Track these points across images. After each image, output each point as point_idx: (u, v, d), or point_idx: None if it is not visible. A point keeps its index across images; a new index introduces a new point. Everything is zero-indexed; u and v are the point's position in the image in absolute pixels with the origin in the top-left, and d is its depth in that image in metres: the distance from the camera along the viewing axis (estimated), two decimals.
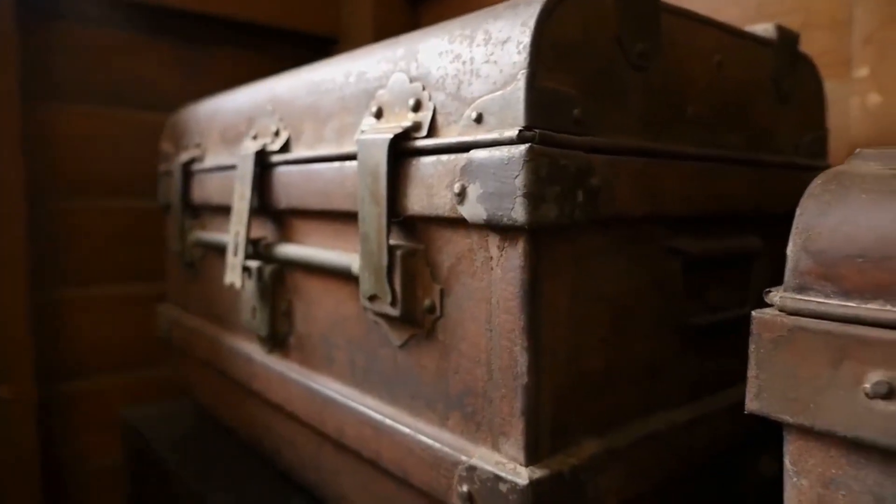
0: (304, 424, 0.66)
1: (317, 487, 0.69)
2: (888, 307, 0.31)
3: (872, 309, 0.31)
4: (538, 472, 0.42)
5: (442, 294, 0.48)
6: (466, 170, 0.43)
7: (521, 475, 0.42)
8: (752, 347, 0.36)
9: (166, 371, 1.12)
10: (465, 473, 0.45)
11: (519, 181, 0.39)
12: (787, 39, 0.62)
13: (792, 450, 0.36)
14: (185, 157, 0.91)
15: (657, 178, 0.48)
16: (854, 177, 0.35)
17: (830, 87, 0.83)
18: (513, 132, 0.40)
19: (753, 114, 0.59)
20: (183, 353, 1.00)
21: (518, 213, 0.40)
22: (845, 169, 0.36)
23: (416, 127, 0.48)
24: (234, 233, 0.71)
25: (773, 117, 0.62)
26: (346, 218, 0.58)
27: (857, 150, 0.38)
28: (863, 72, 0.78)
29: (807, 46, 0.87)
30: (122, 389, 1.24)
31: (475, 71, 0.44)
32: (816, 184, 0.36)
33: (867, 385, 0.31)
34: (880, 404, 0.31)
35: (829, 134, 0.76)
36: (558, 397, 0.44)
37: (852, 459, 0.33)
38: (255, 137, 0.73)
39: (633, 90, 0.47)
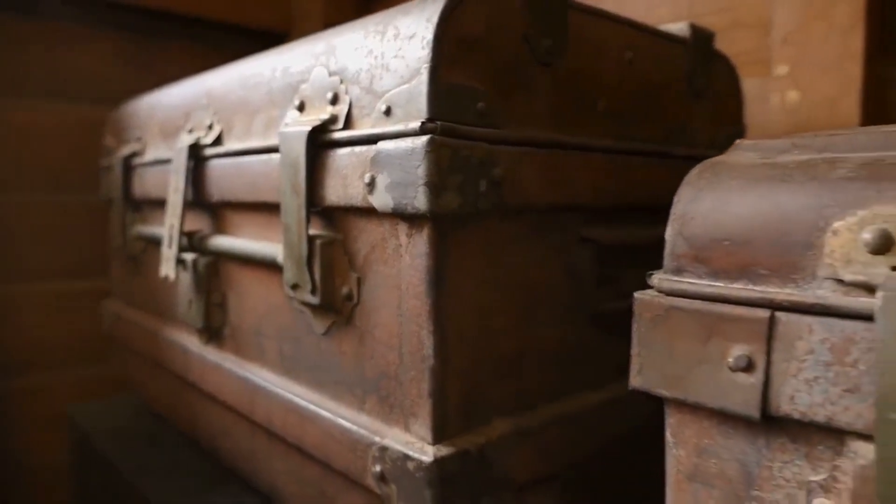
0: (238, 414, 0.67)
1: (251, 476, 0.70)
2: (750, 286, 0.33)
3: (736, 288, 0.34)
4: (444, 451, 0.44)
5: (359, 282, 0.50)
6: (375, 160, 0.45)
7: (428, 453, 0.43)
8: (634, 327, 0.38)
9: (112, 367, 1.11)
10: (378, 454, 0.47)
11: (421, 171, 0.41)
12: (700, 38, 0.65)
13: (671, 423, 0.38)
14: (126, 151, 0.91)
15: (567, 169, 0.50)
16: (727, 166, 0.37)
17: (753, 85, 0.87)
18: (416, 124, 0.42)
19: (667, 109, 0.62)
20: (126, 349, 1.00)
21: (421, 201, 0.41)
22: (722, 159, 0.39)
23: (333, 120, 0.50)
24: (168, 225, 0.71)
25: (688, 112, 0.64)
26: (274, 209, 0.59)
27: (737, 141, 0.40)
28: (782, 70, 0.81)
29: (733, 45, 0.91)
30: (69, 386, 1.23)
31: (386, 65, 0.46)
32: (693, 173, 0.38)
33: (730, 359, 0.33)
34: (741, 376, 0.33)
35: (750, 129, 0.79)
36: (467, 379, 0.46)
37: (722, 429, 0.35)
38: (190, 131, 0.74)
39: (541, 85, 0.49)
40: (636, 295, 0.38)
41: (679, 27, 0.64)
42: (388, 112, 0.45)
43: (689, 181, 0.38)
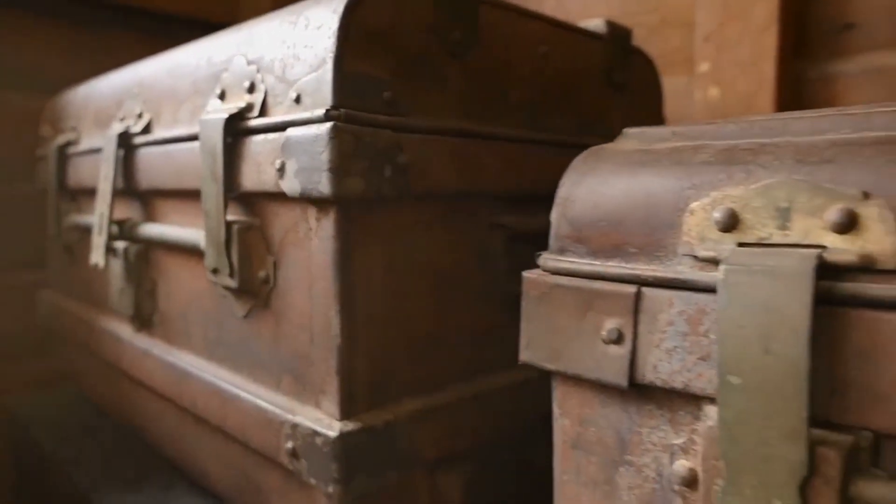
0: (166, 399, 0.68)
1: (182, 462, 0.71)
2: (621, 264, 0.36)
3: (609, 266, 0.36)
4: (350, 426, 0.45)
5: (275, 265, 0.51)
6: (285, 147, 0.46)
7: (334, 428, 0.45)
8: (523, 304, 0.40)
9: (52, 360, 1.11)
10: (290, 431, 0.48)
11: (325, 157, 0.43)
12: (617, 34, 0.68)
13: (557, 394, 0.40)
14: (60, 140, 0.91)
15: (477, 157, 0.52)
16: (608, 152, 0.40)
17: (678, 82, 0.90)
18: (321, 111, 0.43)
19: (583, 102, 0.64)
20: (64, 340, 1.00)
21: (325, 186, 0.43)
22: (606, 146, 0.41)
23: (249, 108, 0.51)
24: (98, 214, 0.72)
25: (605, 106, 0.67)
26: (199, 196, 0.60)
27: (624, 129, 0.43)
28: (704, 67, 0.84)
29: (662, 44, 0.94)
30: (7, 380, 1.22)
31: (297, 55, 0.47)
32: (578, 158, 0.40)
33: (604, 332, 0.36)
34: (612, 348, 0.35)
35: (675, 124, 0.82)
36: (375, 359, 0.48)
37: (600, 399, 0.38)
38: (121, 120, 0.74)
39: (451, 76, 0.51)
40: (524, 274, 0.40)
41: (596, 24, 0.67)
42: (298, 100, 0.47)
43: (574, 166, 0.40)
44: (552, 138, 0.59)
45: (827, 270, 0.28)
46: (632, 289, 0.34)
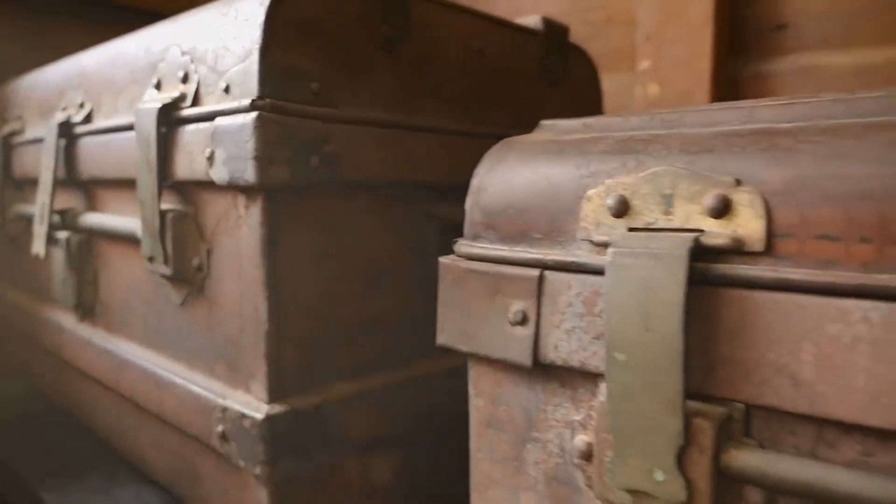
0: (107, 388, 0.68)
1: (124, 450, 0.72)
2: (527, 249, 0.37)
3: (516, 251, 0.38)
4: (278, 409, 0.47)
5: (208, 253, 0.52)
6: (214, 136, 0.47)
7: (261, 411, 0.46)
8: (439, 289, 0.41)
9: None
10: (220, 415, 0.49)
11: (250, 145, 0.44)
12: (554, 31, 0.69)
13: (472, 375, 0.42)
14: (6, 130, 0.90)
15: (410, 148, 0.54)
16: (520, 143, 0.41)
17: (622, 79, 0.92)
18: (247, 101, 0.44)
19: (520, 96, 0.66)
20: (10, 332, 0.99)
21: (250, 174, 0.44)
22: (519, 137, 0.43)
23: (183, 98, 0.52)
24: (39, 203, 0.72)
25: (542, 100, 0.69)
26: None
27: (541, 122, 0.44)
28: (645, 65, 0.87)
29: (607, 41, 0.96)
30: None
31: (227, 46, 0.48)
32: (493, 149, 0.42)
33: (510, 314, 0.37)
34: (518, 329, 0.37)
35: None
36: (305, 344, 0.49)
37: (509, 379, 0.39)
38: (64, 109, 0.74)
39: (381, 68, 0.52)
40: (440, 260, 0.41)
41: (533, 20, 0.68)
42: (227, 90, 0.48)
43: (487, 156, 0.42)
44: (488, 131, 0.61)
45: (703, 253, 0.30)
46: (535, 272, 0.36)
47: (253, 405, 0.47)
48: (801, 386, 0.28)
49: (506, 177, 0.39)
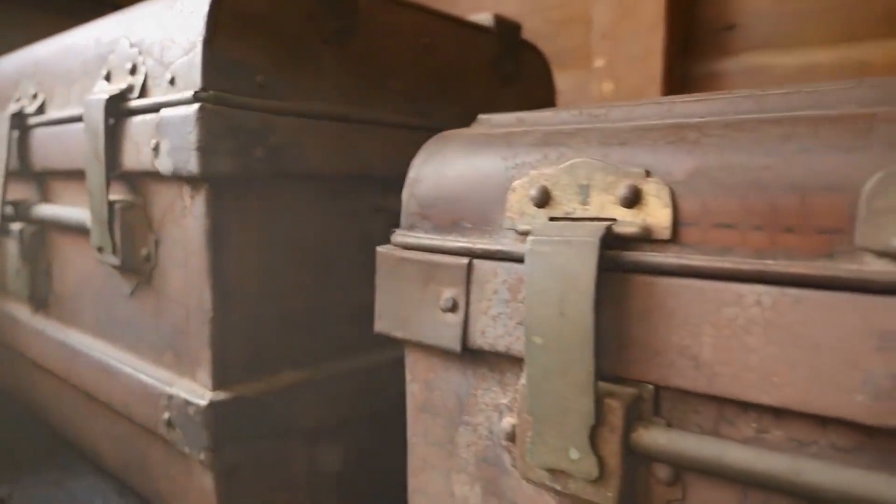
0: (61, 379, 0.69)
1: (78, 441, 0.72)
2: (458, 238, 0.39)
3: (448, 240, 0.39)
4: (221, 396, 0.47)
5: (156, 243, 0.53)
6: (159, 127, 0.48)
7: (205, 398, 0.47)
8: (377, 277, 0.43)
9: None
10: (166, 402, 0.50)
11: (193, 136, 0.44)
12: (506, 28, 0.71)
13: (408, 362, 0.43)
14: None
15: (357, 142, 0.55)
16: (455, 136, 0.42)
17: (579, 76, 0.94)
18: (190, 93, 0.45)
19: (472, 92, 0.67)
20: None
21: (193, 165, 0.45)
22: (456, 130, 0.44)
23: (130, 89, 0.52)
24: None
25: (495, 96, 0.70)
26: None
27: (479, 115, 0.46)
28: (600, 63, 0.89)
29: (566, 39, 0.98)
30: None
31: (173, 38, 0.49)
32: (429, 141, 0.43)
33: (441, 301, 0.38)
34: (449, 316, 0.38)
35: None
36: (251, 333, 0.50)
37: (442, 364, 0.41)
38: (17, 100, 0.74)
39: (328, 62, 0.53)
40: (378, 249, 0.43)
41: (485, 18, 0.70)
42: (172, 82, 0.48)
43: (423, 149, 0.43)
44: (439, 126, 0.62)
45: (615, 241, 0.31)
46: (464, 261, 0.37)
47: (197, 392, 0.48)
48: (702, 367, 0.29)
49: (439, 169, 0.41)
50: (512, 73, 0.72)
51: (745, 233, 0.29)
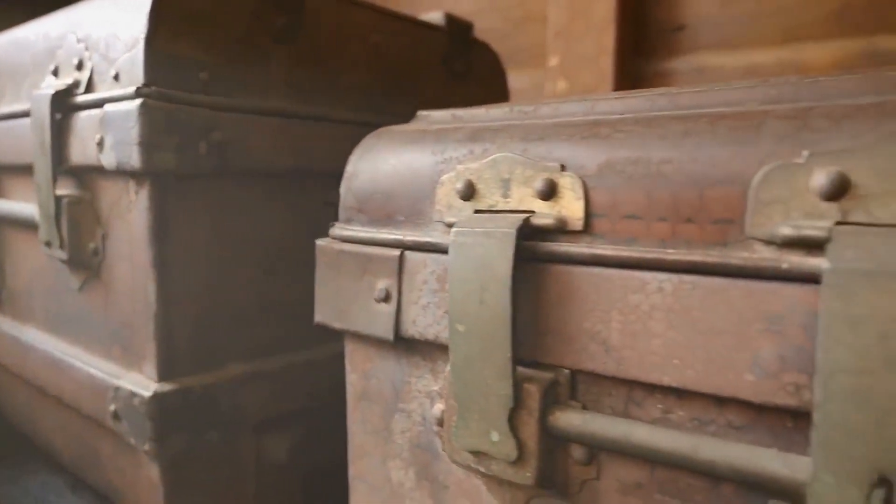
0: (14, 375, 0.69)
1: (34, 438, 0.72)
2: (391, 231, 0.40)
3: (382, 232, 0.40)
4: (166, 387, 0.48)
5: (104, 238, 0.53)
6: (103, 122, 0.48)
7: (150, 389, 0.48)
8: (316, 269, 0.44)
9: None
10: (113, 394, 0.51)
11: (135, 132, 0.45)
12: (456, 27, 0.72)
13: (347, 352, 0.44)
14: None
15: (306, 137, 0.56)
16: (390, 132, 0.44)
17: (536, 74, 0.96)
18: (132, 89, 0.46)
19: (423, 89, 0.69)
20: None
21: (136, 159, 0.45)
22: (393, 127, 0.45)
23: (77, 84, 0.53)
24: None
25: (446, 93, 0.71)
26: None
27: (417, 112, 0.47)
28: (554, 61, 0.90)
29: (523, 38, 0.99)
30: None
31: (117, 34, 0.49)
32: (367, 137, 0.44)
33: (376, 292, 0.40)
34: (383, 306, 0.39)
35: None
36: (198, 325, 0.51)
37: (379, 354, 0.42)
38: None
39: (275, 59, 0.54)
40: (317, 242, 0.44)
41: (436, 17, 0.71)
42: (116, 77, 0.49)
43: (361, 144, 0.44)
44: (388, 122, 0.63)
45: (532, 232, 0.33)
46: (396, 253, 0.39)
47: (143, 384, 0.49)
48: (611, 351, 0.31)
49: (374, 164, 0.42)
50: (463, 72, 0.73)
51: (650, 223, 0.30)
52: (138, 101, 0.45)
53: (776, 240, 0.26)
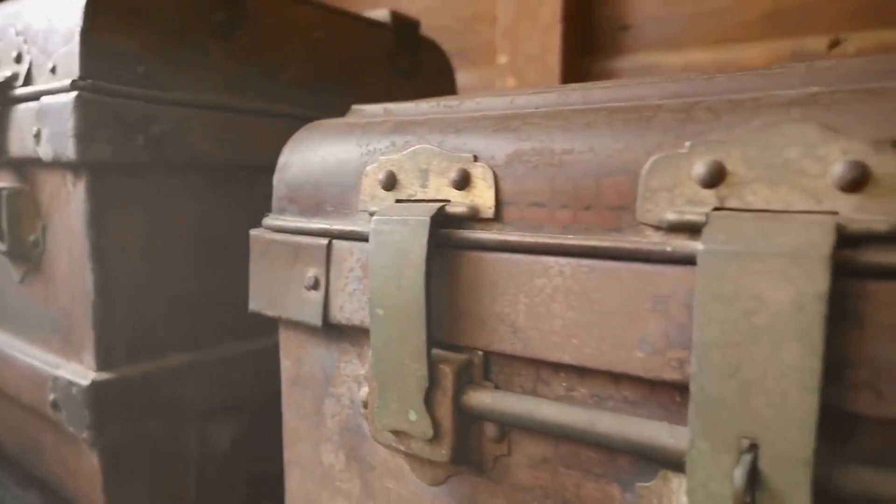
0: None
1: None
2: (320, 221, 0.41)
3: (311, 222, 0.41)
4: (105, 376, 0.49)
5: (44, 229, 0.54)
6: (40, 114, 0.49)
7: (88, 378, 0.48)
8: (250, 259, 0.45)
9: None
10: (52, 384, 0.51)
11: (70, 124, 0.46)
12: (402, 24, 0.73)
13: (281, 339, 0.45)
14: None
15: (246, 131, 0.57)
16: (322, 125, 0.45)
17: (485, 72, 0.97)
18: (68, 81, 0.46)
19: (368, 85, 0.70)
20: None
21: (71, 151, 0.46)
22: (324, 120, 0.46)
23: (15, 77, 0.53)
24: None
25: (392, 90, 0.73)
26: None
27: (352, 106, 0.48)
28: (503, 59, 0.92)
29: (474, 36, 1.01)
30: None
31: (55, 27, 0.50)
32: (300, 130, 0.46)
33: (305, 280, 0.41)
34: (312, 293, 0.41)
35: None
36: (137, 315, 0.51)
37: (310, 340, 0.43)
38: None
39: (215, 54, 0.55)
40: (251, 232, 0.45)
41: (381, 14, 0.72)
42: (53, 70, 0.49)
43: (294, 136, 0.45)
44: (323, 116, 0.64)
45: (447, 220, 0.34)
46: (324, 241, 0.40)
47: (81, 373, 0.49)
48: (518, 332, 0.32)
49: (306, 155, 0.43)
50: (410, 69, 0.74)
51: (554, 211, 0.32)
52: (73, 94, 0.46)
53: (663, 225, 0.28)
